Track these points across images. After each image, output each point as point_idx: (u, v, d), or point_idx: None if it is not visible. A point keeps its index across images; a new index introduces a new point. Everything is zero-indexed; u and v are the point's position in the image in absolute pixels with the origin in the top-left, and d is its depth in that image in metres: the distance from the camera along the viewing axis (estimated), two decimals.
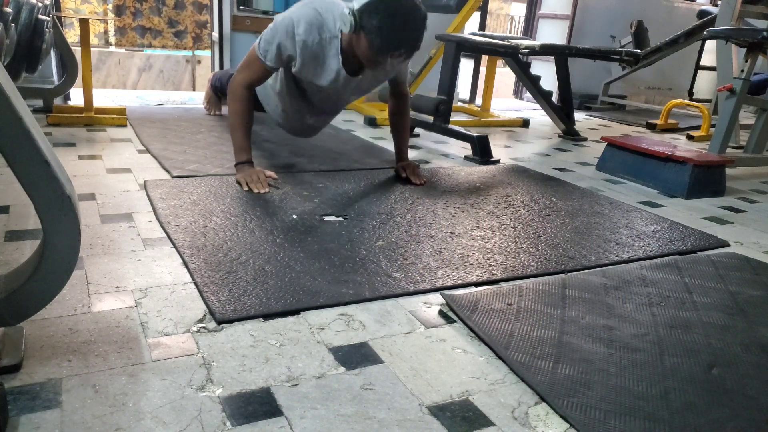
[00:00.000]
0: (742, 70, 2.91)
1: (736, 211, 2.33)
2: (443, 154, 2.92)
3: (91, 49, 2.84)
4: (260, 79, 2.08)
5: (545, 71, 4.54)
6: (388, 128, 2.45)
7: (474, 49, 3.44)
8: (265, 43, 1.99)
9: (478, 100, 4.66)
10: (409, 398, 0.97)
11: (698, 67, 5.51)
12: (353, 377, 1.01)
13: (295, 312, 1.21)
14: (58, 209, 0.87)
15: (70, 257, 0.91)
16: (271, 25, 2.02)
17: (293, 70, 2.06)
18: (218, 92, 3.28)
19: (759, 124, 3.20)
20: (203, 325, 1.13)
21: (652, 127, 4.45)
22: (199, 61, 7.68)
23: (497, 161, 2.80)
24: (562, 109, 3.73)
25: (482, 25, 5.08)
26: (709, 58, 5.30)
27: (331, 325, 1.18)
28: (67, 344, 1.03)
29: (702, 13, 4.97)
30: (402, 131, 2.35)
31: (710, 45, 5.18)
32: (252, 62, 2.03)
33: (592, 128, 4.23)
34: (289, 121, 2.35)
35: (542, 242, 1.73)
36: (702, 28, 4.68)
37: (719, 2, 3.79)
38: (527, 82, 3.73)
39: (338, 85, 2.08)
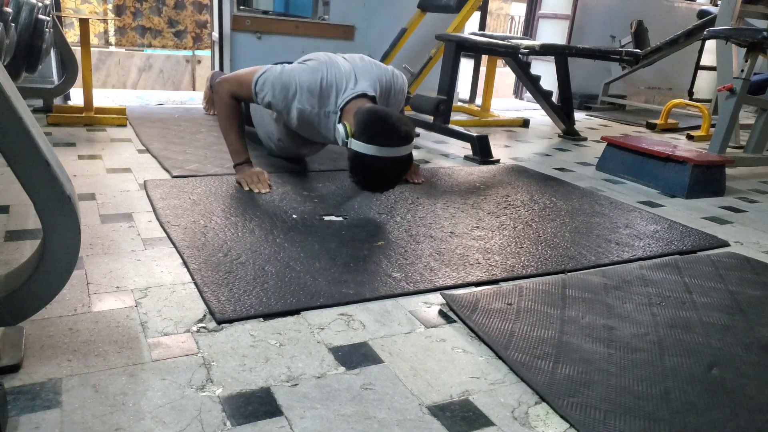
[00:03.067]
0: (742, 70, 2.91)
1: (736, 211, 2.33)
2: (443, 154, 2.92)
3: (91, 49, 2.84)
4: (247, 100, 2.05)
5: (545, 71, 4.54)
6: None
7: (474, 49, 3.43)
8: (263, 86, 1.94)
9: (478, 100, 4.66)
10: (409, 398, 0.97)
11: (698, 67, 5.51)
12: (353, 377, 1.01)
13: (295, 312, 1.21)
14: (58, 209, 0.87)
15: (70, 257, 0.91)
16: (278, 70, 1.95)
17: (290, 126, 2.06)
18: None
19: (759, 124, 3.20)
20: (203, 324, 1.13)
21: (652, 127, 4.45)
22: (199, 61, 7.68)
23: (497, 161, 2.80)
24: (562, 109, 3.73)
25: (482, 25, 5.08)
26: (709, 58, 5.30)
27: (331, 325, 1.18)
28: (67, 344, 1.03)
29: (702, 13, 4.97)
30: None
31: (710, 45, 5.18)
32: (245, 85, 1.98)
33: (592, 128, 4.23)
34: (282, 150, 2.34)
35: (542, 242, 1.73)
36: (702, 28, 4.68)
37: (719, 2, 3.79)
38: (527, 82, 3.73)
39: (331, 142, 2.09)
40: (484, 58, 4.34)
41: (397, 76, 2.09)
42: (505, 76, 5.85)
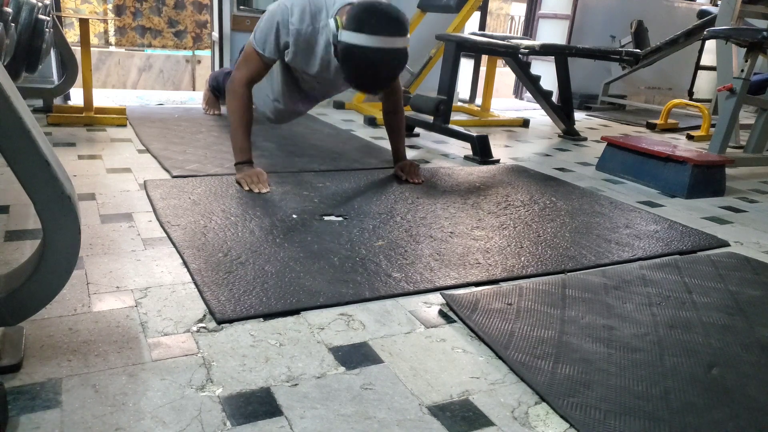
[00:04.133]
0: (742, 70, 2.91)
1: (736, 211, 2.33)
2: (443, 154, 2.92)
3: (91, 49, 2.84)
4: (260, 74, 2.08)
5: (545, 71, 4.54)
6: None
7: (474, 49, 3.43)
8: (262, 34, 1.99)
9: (478, 100, 4.66)
10: (409, 398, 0.97)
11: (698, 67, 5.51)
12: (353, 377, 1.01)
13: (295, 312, 1.21)
14: (58, 209, 0.87)
15: (70, 257, 0.91)
16: (264, 15, 2.02)
17: (286, 59, 2.07)
18: (216, 91, 3.28)
19: (759, 124, 3.20)
20: (203, 324, 1.13)
21: (652, 127, 4.45)
22: (199, 61, 7.69)
23: (497, 161, 2.80)
24: (562, 108, 3.73)
25: (482, 25, 5.09)
26: (709, 58, 5.30)
27: (331, 325, 1.18)
28: (67, 344, 1.03)
29: (702, 13, 4.97)
30: (397, 130, 2.35)
31: (710, 45, 5.18)
32: (250, 57, 2.04)
33: (592, 128, 4.23)
34: (278, 112, 2.36)
35: (542, 242, 1.73)
36: (702, 28, 4.68)
37: (719, 2, 3.79)
38: (527, 82, 3.73)
39: (329, 73, 2.09)
40: (484, 58, 4.34)
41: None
42: (505, 76, 5.85)
